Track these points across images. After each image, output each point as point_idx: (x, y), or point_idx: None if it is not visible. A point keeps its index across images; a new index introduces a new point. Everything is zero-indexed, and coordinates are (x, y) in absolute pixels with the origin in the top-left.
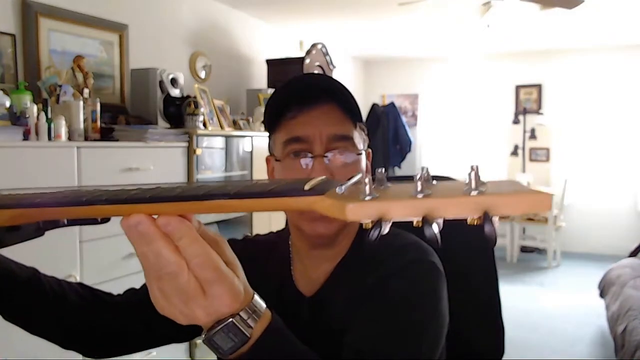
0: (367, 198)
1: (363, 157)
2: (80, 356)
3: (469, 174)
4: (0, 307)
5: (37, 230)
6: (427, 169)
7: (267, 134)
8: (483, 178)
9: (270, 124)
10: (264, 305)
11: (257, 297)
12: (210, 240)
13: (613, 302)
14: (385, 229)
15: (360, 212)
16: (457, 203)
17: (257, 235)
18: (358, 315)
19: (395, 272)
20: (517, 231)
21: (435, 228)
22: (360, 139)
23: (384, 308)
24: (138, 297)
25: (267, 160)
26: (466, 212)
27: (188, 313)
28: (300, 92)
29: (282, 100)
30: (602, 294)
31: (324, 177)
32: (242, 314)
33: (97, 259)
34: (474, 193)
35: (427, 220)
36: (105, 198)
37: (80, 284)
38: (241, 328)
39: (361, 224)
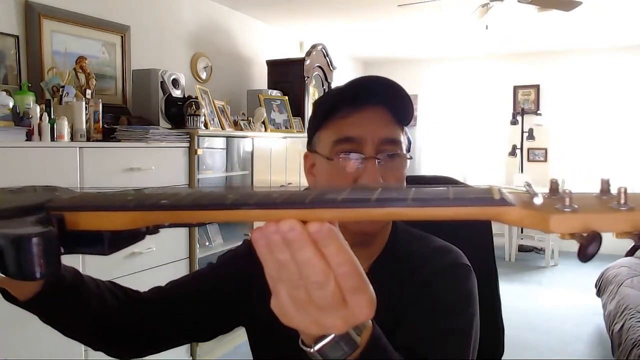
0: (568, 210)
1: (418, 161)
2: (79, 356)
3: None
4: (42, 310)
5: (141, 234)
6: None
7: (260, 134)
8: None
9: (317, 122)
10: None
11: None
12: None
13: (610, 301)
14: (600, 243)
15: (565, 225)
16: None
17: None
18: (407, 316)
19: (438, 273)
20: (515, 230)
21: None
22: (405, 143)
23: (433, 309)
24: (167, 297)
25: (306, 156)
26: None
27: (326, 323)
28: (352, 93)
29: (333, 99)
30: (599, 293)
31: (491, 185)
32: None
33: (98, 258)
34: None
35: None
36: (254, 202)
37: (112, 283)
38: (352, 336)
39: (394, 226)
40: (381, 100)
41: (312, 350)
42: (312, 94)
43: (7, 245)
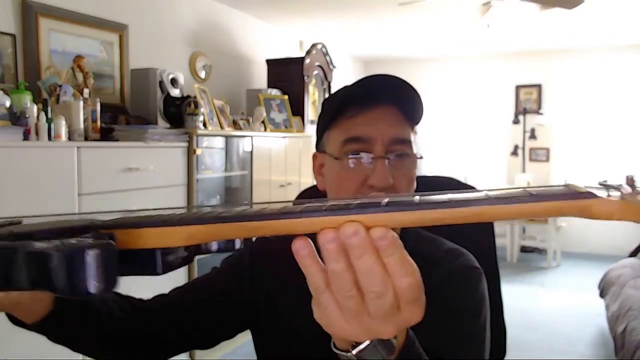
0: None
1: (419, 161)
2: (77, 356)
3: None
4: (52, 331)
5: (188, 257)
6: None
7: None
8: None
9: (326, 122)
10: None
11: None
12: None
13: (613, 302)
14: None
15: None
16: None
17: None
18: (422, 319)
19: (452, 276)
20: (517, 231)
21: None
22: (415, 143)
23: (449, 312)
24: (172, 305)
25: (314, 156)
26: None
27: (377, 330)
28: (361, 92)
29: (341, 99)
30: (602, 294)
31: (565, 183)
32: None
33: None
34: None
35: None
36: (325, 209)
37: (116, 293)
38: (391, 339)
39: (402, 228)
40: (391, 99)
41: (348, 355)
42: (312, 94)
43: (61, 259)
